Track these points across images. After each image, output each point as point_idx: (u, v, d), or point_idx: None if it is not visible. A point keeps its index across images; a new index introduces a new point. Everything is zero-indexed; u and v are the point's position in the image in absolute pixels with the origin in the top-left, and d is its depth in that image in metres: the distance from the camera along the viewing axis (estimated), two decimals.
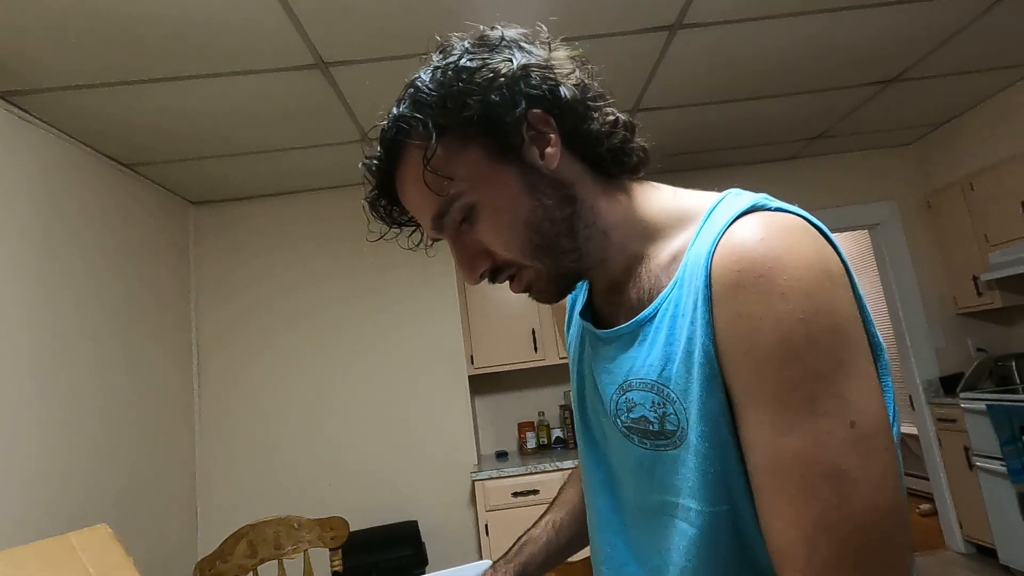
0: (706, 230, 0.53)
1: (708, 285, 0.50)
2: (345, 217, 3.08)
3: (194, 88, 1.97)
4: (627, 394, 0.59)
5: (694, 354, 0.51)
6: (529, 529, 0.85)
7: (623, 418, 0.60)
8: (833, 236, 0.52)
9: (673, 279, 0.55)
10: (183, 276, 2.91)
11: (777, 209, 0.52)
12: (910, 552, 0.46)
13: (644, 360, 0.57)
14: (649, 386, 0.56)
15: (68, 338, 2.06)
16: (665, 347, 0.54)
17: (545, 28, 0.59)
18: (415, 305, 3.04)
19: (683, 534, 0.54)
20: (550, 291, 0.60)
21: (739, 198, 0.54)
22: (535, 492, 2.68)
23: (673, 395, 0.54)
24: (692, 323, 0.51)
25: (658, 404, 0.55)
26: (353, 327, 3.00)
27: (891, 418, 0.49)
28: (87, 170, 2.26)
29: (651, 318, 0.57)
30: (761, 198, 0.53)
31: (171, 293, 2.77)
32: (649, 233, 0.60)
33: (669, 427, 0.54)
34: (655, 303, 0.56)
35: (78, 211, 2.19)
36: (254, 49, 1.81)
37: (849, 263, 0.51)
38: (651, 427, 0.56)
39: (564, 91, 0.55)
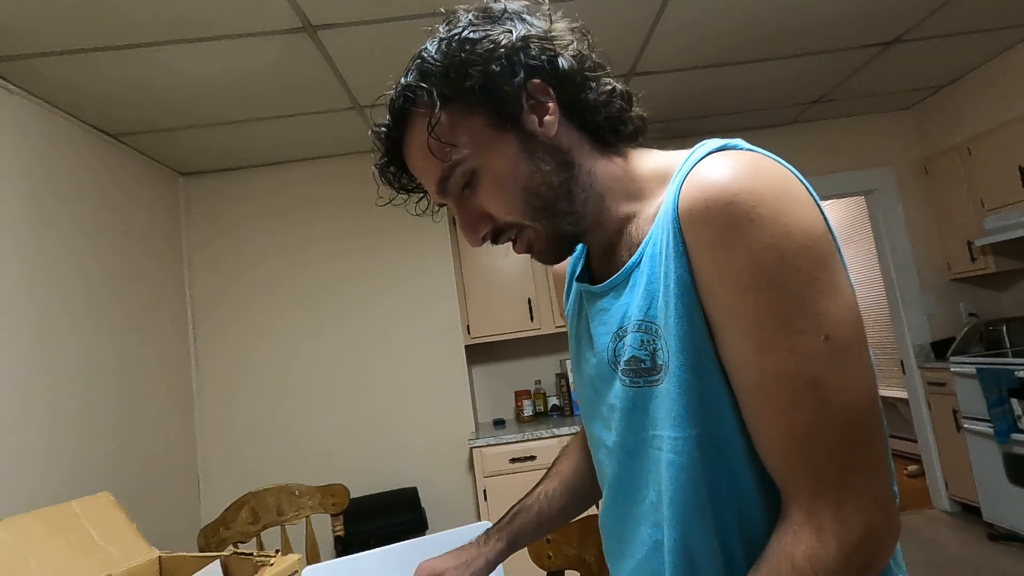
0: (680, 175, 0.55)
1: (676, 219, 0.52)
2: (339, 187, 3.05)
3: (175, 54, 1.92)
4: (623, 339, 0.61)
5: (671, 287, 0.53)
6: (523, 499, 0.88)
7: (620, 363, 0.61)
8: (804, 179, 0.54)
9: (653, 225, 0.58)
10: (175, 247, 2.89)
11: (748, 150, 0.54)
12: (882, 425, 0.51)
13: (634, 303, 0.59)
14: (637, 326, 0.58)
15: (61, 311, 2.05)
16: (647, 286, 0.57)
17: (547, 0, 0.61)
18: (411, 276, 3.03)
19: (670, 464, 0.56)
20: (549, 252, 0.63)
21: (710, 142, 0.57)
22: (532, 458, 2.73)
23: (660, 330, 0.56)
24: (667, 258, 0.54)
25: (647, 342, 0.57)
26: (349, 297, 3.00)
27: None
28: (71, 140, 2.22)
29: (637, 264, 0.59)
30: (732, 141, 0.55)
31: (164, 264, 2.75)
32: (640, 194, 0.62)
33: (659, 361, 0.56)
34: (639, 250, 0.59)
35: (66, 182, 2.15)
36: (237, 12, 1.75)
37: (821, 203, 0.53)
38: (643, 364, 0.58)
39: (562, 62, 0.58)
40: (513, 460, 2.73)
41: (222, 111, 2.38)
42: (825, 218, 0.51)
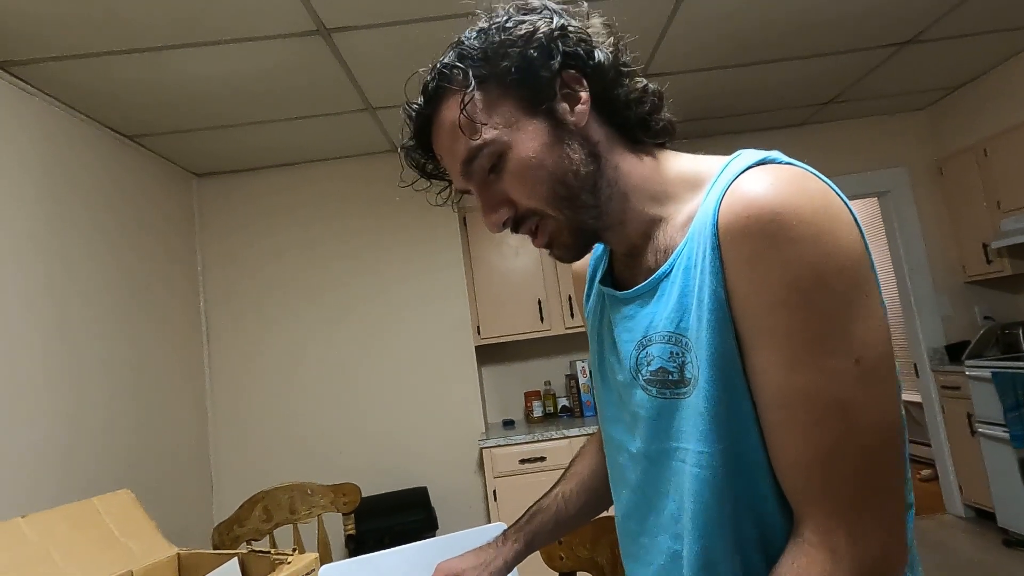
0: (717, 186, 0.55)
1: (715, 233, 0.52)
2: (350, 188, 3.07)
3: (190, 57, 1.94)
4: (647, 349, 0.61)
5: (705, 302, 0.53)
6: (540, 499, 0.88)
7: (643, 372, 0.61)
8: (841, 192, 0.53)
9: (686, 236, 0.57)
10: (189, 247, 2.92)
11: (787, 163, 0.54)
12: (904, 448, 0.51)
13: (662, 314, 0.59)
14: (667, 338, 0.58)
15: (82, 309, 2.08)
16: (680, 299, 0.56)
17: (586, 3, 0.63)
18: (423, 276, 3.05)
19: (694, 478, 0.56)
20: (570, 246, 0.62)
21: (749, 154, 0.56)
22: (542, 459, 2.73)
23: (690, 344, 0.55)
24: (702, 272, 0.53)
25: (676, 354, 0.57)
26: (362, 298, 3.02)
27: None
28: (89, 142, 2.25)
29: (667, 274, 0.59)
30: (771, 154, 0.55)
31: (178, 264, 2.78)
32: (667, 197, 0.62)
33: (688, 375, 0.56)
34: (670, 260, 0.58)
35: (85, 182, 2.18)
36: (252, 15, 1.77)
37: (858, 216, 0.53)
38: (671, 376, 0.58)
39: (599, 54, 0.59)
40: (523, 461, 2.74)
41: (236, 113, 2.41)
42: (863, 237, 0.51)
